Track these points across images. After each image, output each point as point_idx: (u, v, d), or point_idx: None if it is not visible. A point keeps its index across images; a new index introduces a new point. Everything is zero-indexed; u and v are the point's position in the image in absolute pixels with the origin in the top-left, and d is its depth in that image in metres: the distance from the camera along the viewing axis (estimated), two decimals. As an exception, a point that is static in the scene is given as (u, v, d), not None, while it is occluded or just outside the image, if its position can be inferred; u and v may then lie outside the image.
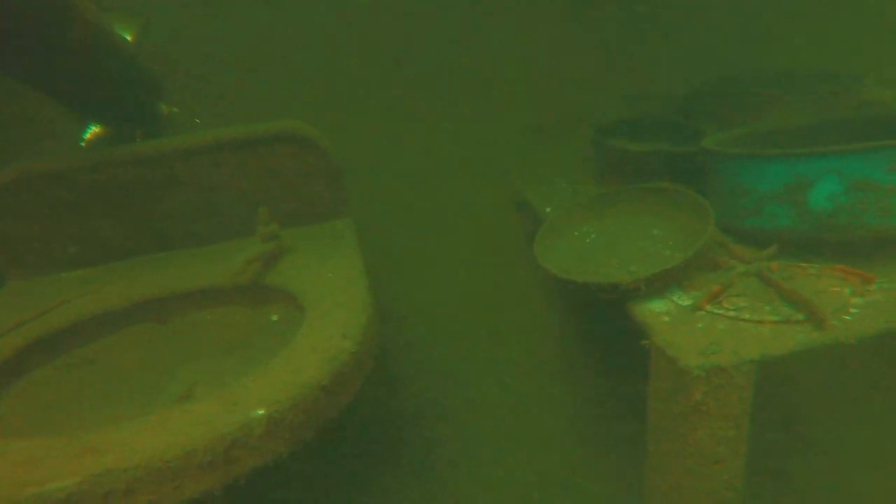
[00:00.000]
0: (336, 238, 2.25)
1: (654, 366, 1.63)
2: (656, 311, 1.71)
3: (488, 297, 2.89)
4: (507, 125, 2.94)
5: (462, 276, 2.90)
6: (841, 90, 2.42)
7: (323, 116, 2.73)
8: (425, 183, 2.89)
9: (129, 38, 2.30)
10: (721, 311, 1.66)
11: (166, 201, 2.24)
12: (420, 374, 2.84)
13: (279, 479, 1.61)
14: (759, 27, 3.03)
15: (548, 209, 2.42)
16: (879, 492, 2.53)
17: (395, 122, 2.84)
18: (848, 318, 1.59)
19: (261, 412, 1.34)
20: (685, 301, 1.73)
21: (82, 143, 2.38)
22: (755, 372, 1.50)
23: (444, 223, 2.91)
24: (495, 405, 2.79)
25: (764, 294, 1.72)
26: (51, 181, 2.13)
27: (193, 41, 2.64)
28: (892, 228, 1.70)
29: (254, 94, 2.73)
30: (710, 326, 1.62)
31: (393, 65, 2.77)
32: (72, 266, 2.27)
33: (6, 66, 1.80)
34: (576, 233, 2.15)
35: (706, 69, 3.02)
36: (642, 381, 1.70)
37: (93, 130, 2.39)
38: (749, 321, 1.61)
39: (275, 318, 2.03)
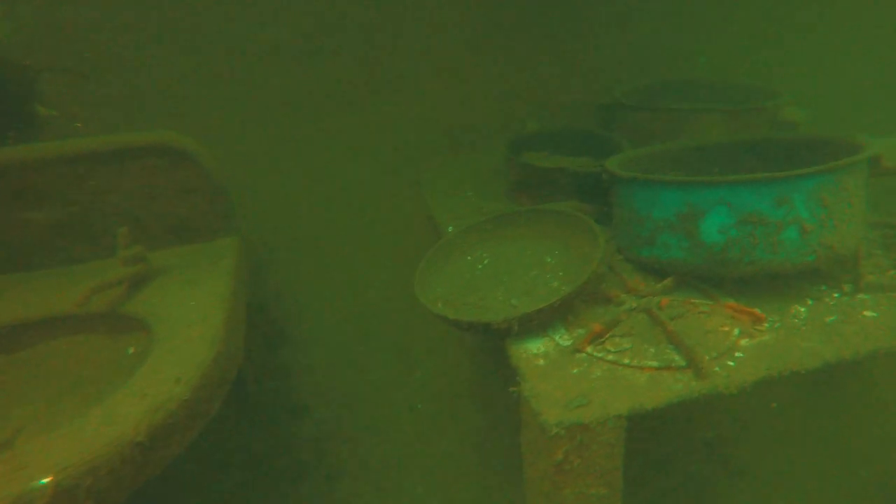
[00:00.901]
0: (214, 260, 2.06)
1: (523, 416, 1.49)
2: (533, 353, 1.57)
3: (399, 316, 2.74)
4: (424, 132, 2.78)
5: (372, 294, 2.74)
6: (760, 107, 2.31)
7: (220, 122, 2.54)
8: (335, 193, 2.72)
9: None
10: (601, 355, 1.53)
11: (23, 215, 2.03)
12: (324, 398, 2.67)
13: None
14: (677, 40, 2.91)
15: (450, 228, 2.27)
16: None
17: (303, 127, 2.66)
18: (731, 363, 1.47)
19: (45, 481, 1.17)
20: (566, 341, 1.60)
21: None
22: (624, 427, 1.37)
23: (354, 236, 2.75)
24: (403, 430, 2.64)
25: (651, 334, 1.59)
26: None
27: (74, 36, 2.42)
28: (782, 265, 1.59)
29: (144, 97, 2.52)
30: (586, 372, 1.49)
31: (300, 65, 2.58)
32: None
33: None
34: (469, 257, 2.00)
35: (634, 77, 2.90)
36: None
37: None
38: (628, 366, 1.48)
39: (131, 350, 1.85)
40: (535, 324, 1.59)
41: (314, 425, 2.66)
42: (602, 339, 1.57)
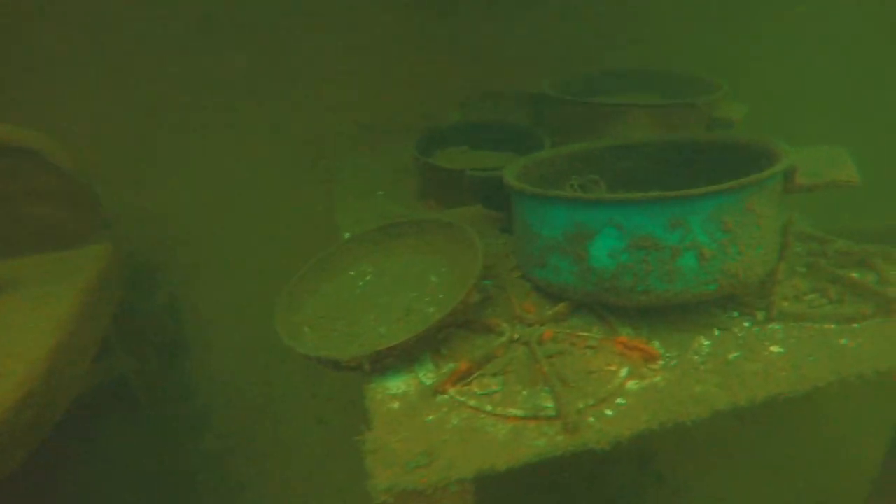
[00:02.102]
0: (70, 272, 1.85)
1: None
2: (390, 393, 1.38)
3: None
4: (337, 124, 2.54)
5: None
6: (691, 103, 2.09)
7: (110, 114, 2.29)
8: (239, 190, 2.49)
9: None
10: (463, 399, 1.33)
11: None
12: (226, 411, 2.49)
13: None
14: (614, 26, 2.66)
15: (346, 234, 2.05)
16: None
17: (202, 118, 2.42)
18: (609, 412, 1.27)
19: None
20: (431, 379, 1.40)
21: None
22: (472, 491, 1.18)
23: (260, 238, 2.53)
24: (310, 444, 2.47)
25: (528, 373, 1.40)
26: None
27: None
28: (680, 295, 1.38)
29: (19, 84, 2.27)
30: (443, 420, 1.29)
31: (196, 49, 2.32)
32: None
33: None
34: (351, 272, 1.79)
35: (576, 65, 2.66)
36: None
37: None
38: (491, 414, 1.29)
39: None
40: (391, 362, 1.40)
41: (215, 440, 2.48)
42: (468, 379, 1.38)
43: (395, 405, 1.34)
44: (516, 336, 1.49)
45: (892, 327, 1.47)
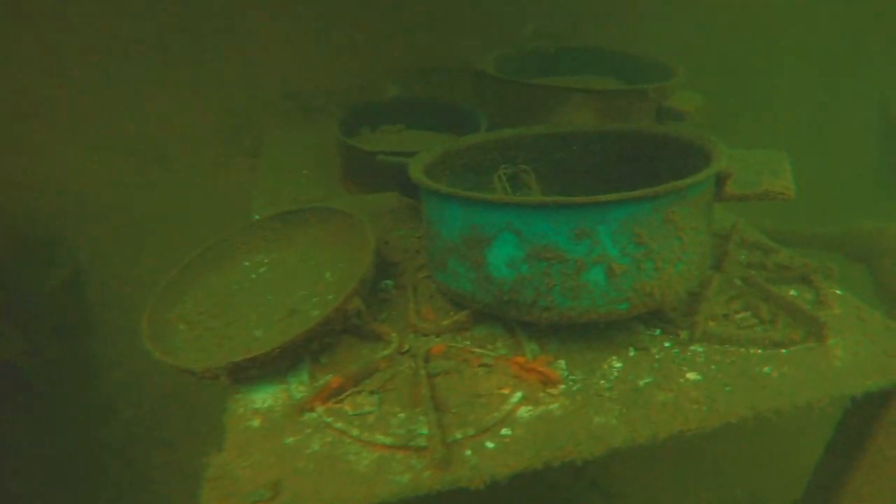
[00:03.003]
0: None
1: None
2: (254, 408, 1.22)
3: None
4: (265, 94, 2.32)
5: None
6: (644, 89, 1.90)
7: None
8: (153, 162, 2.29)
9: None
10: (330, 420, 1.17)
11: None
12: (133, 397, 2.33)
13: None
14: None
15: (256, 216, 1.87)
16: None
17: (111, 83, 2.18)
18: (490, 445, 1.12)
19: None
20: (303, 392, 1.24)
21: None
22: (319, 533, 1.04)
23: (176, 214, 2.33)
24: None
25: (409, 392, 1.24)
26: None
27: None
28: (586, 313, 1.23)
29: None
30: (304, 443, 1.14)
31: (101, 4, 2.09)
32: None
33: None
34: (247, 262, 1.62)
35: (521, 40, 2.46)
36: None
37: None
38: (357, 439, 1.14)
39: None
40: (256, 374, 1.23)
41: (122, 428, 2.32)
42: (341, 396, 1.22)
43: (256, 422, 1.18)
44: (406, 347, 1.34)
45: (821, 355, 1.33)
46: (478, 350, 1.31)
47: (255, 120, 2.32)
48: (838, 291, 1.56)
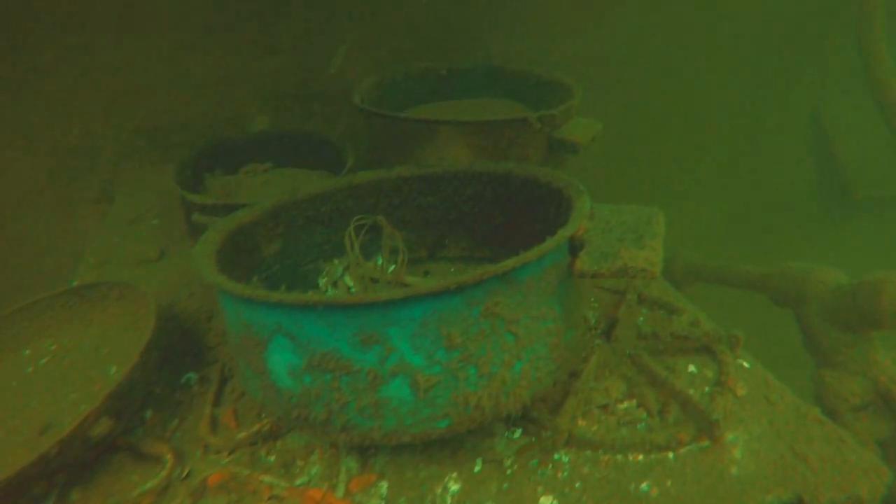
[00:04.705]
0: None
1: None
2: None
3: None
4: (116, 129, 2.01)
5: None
6: (526, 119, 1.63)
7: None
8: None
9: None
10: None
11: None
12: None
13: None
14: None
15: (74, 282, 1.56)
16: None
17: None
18: None
19: None
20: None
21: None
22: None
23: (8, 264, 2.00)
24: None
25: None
26: None
27: None
28: (393, 436, 0.93)
29: None
30: None
31: None
32: None
33: None
34: (28, 350, 1.30)
35: (418, 58, 2.18)
36: None
37: None
38: None
39: None
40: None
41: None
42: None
43: None
44: (186, 472, 1.04)
45: (715, 459, 1.06)
46: (267, 479, 1.01)
47: (102, 160, 2.00)
48: (745, 364, 1.30)
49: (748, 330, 2.03)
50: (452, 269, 1.60)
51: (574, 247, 1.01)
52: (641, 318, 1.45)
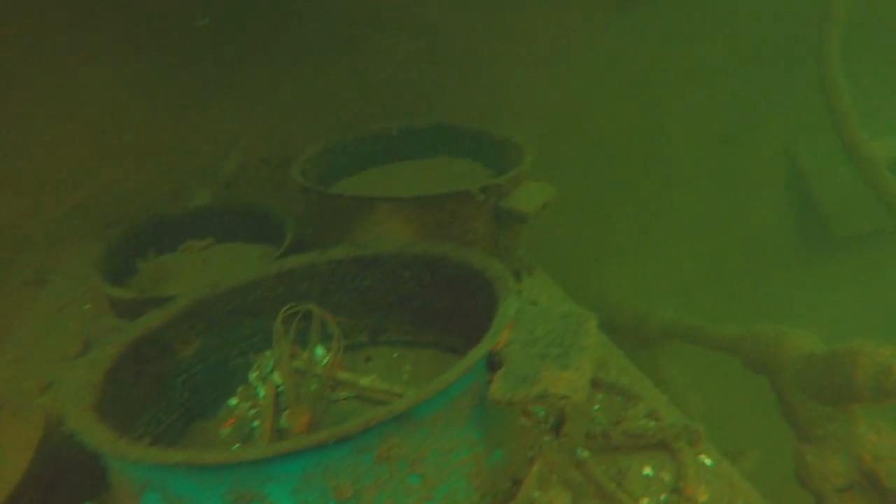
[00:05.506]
0: None
1: None
2: None
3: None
4: (46, 206, 1.92)
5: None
6: (469, 191, 1.54)
7: None
8: None
9: None
10: None
11: None
12: None
13: None
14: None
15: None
16: None
17: None
18: None
19: None
20: None
21: None
22: None
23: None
24: None
25: None
26: None
27: None
28: None
29: None
30: None
31: None
32: None
33: None
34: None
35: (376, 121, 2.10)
36: None
37: None
38: None
39: None
40: None
41: None
42: None
43: None
44: None
45: None
46: None
47: (36, 239, 1.91)
48: (707, 461, 1.18)
49: (737, 382, 1.91)
50: (395, 355, 1.49)
51: (493, 363, 0.90)
52: (597, 407, 1.34)
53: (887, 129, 2.40)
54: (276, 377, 1.38)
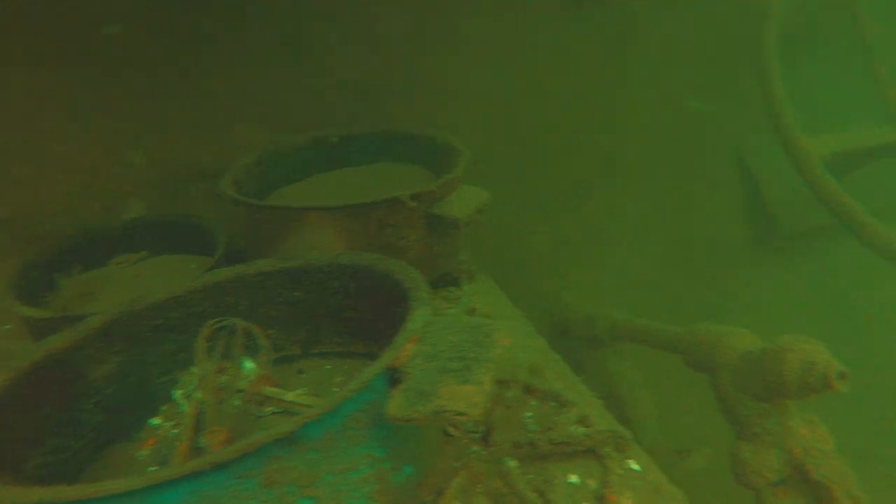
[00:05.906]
0: None
1: None
2: None
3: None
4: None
5: None
6: (399, 197, 1.52)
7: None
8: None
9: None
10: None
11: None
12: None
13: None
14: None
15: None
16: None
17: None
18: None
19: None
20: None
21: None
22: None
23: None
24: None
25: None
26: None
27: None
28: None
29: None
30: None
31: None
32: None
33: None
34: None
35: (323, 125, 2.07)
36: None
37: None
38: None
39: None
40: None
41: None
42: None
43: None
44: None
45: None
46: None
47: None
48: (635, 466, 1.17)
49: (690, 380, 1.91)
50: (328, 367, 1.46)
51: (394, 379, 0.88)
52: (529, 414, 1.33)
53: (829, 126, 2.43)
54: (199, 394, 1.34)
